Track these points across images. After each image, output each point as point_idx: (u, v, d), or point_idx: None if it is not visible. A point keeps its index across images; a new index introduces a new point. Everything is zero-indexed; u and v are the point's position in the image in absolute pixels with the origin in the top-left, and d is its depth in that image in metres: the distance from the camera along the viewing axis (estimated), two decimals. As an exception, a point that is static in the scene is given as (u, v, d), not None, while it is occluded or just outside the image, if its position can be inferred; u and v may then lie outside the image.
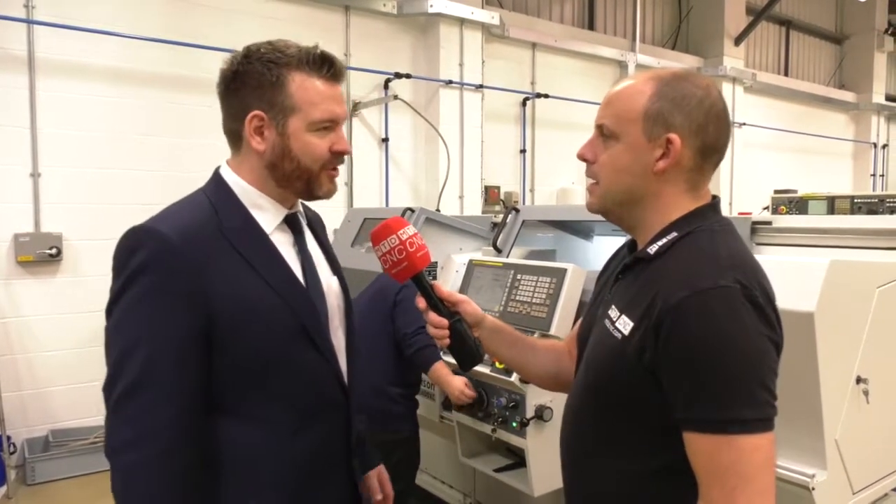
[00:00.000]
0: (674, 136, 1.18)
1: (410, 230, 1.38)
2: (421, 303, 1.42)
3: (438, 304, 1.42)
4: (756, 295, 1.09)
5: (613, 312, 1.22)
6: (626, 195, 1.24)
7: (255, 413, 1.32)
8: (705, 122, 1.19)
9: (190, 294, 1.23)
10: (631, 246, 1.35)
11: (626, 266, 1.28)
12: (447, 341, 1.41)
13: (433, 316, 1.41)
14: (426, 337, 2.86)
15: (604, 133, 1.25)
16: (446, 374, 2.80)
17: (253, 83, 1.32)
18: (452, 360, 2.81)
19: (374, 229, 1.39)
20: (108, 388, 1.24)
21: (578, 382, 1.35)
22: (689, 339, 1.07)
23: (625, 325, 1.17)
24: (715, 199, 1.29)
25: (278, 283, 1.33)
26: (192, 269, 1.24)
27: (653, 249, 1.20)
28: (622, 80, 1.28)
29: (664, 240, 1.19)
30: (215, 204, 1.35)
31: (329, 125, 1.36)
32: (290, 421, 1.34)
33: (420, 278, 1.40)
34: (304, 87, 1.33)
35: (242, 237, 1.32)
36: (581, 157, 1.29)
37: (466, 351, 1.43)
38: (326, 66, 1.36)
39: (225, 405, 1.30)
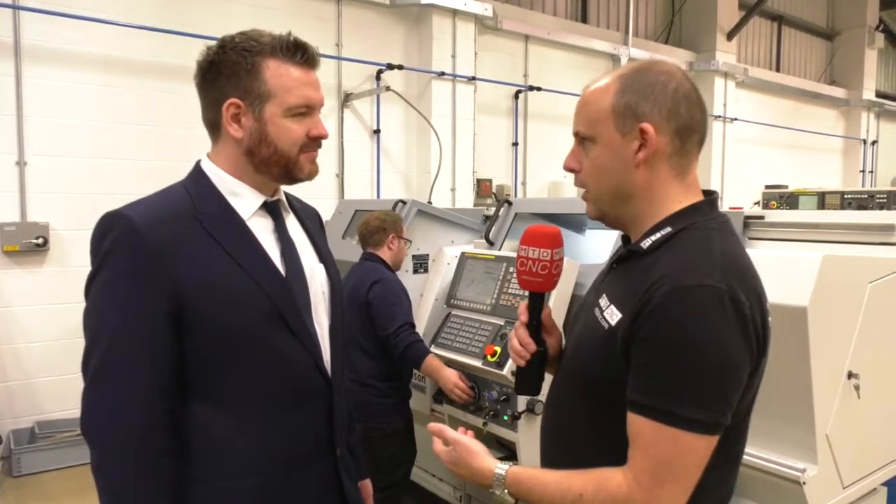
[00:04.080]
0: (646, 126, 1.18)
1: (563, 252, 1.37)
2: (523, 316, 1.40)
3: (538, 327, 1.41)
4: (741, 300, 1.08)
5: (604, 301, 1.22)
6: (614, 194, 1.24)
7: (228, 397, 1.32)
8: (674, 104, 1.19)
9: (156, 276, 1.25)
10: (626, 237, 1.35)
11: (620, 257, 1.29)
12: (523, 362, 1.40)
13: (523, 334, 1.40)
14: (409, 334, 2.83)
15: (581, 140, 1.26)
16: (439, 367, 2.79)
17: (228, 72, 1.34)
18: (442, 354, 2.82)
19: (535, 230, 1.37)
20: (84, 368, 1.28)
21: (564, 368, 1.36)
22: (662, 330, 1.07)
23: (612, 315, 1.18)
24: (713, 195, 1.27)
25: (252, 267, 1.34)
26: (159, 251, 1.26)
27: (646, 244, 1.20)
28: (588, 85, 1.28)
29: (658, 234, 1.19)
30: (191, 192, 1.37)
31: (305, 111, 1.38)
32: (264, 406, 1.35)
33: (540, 297, 1.40)
34: (279, 73, 1.34)
35: (216, 222, 1.34)
36: (567, 168, 1.30)
37: (532, 380, 1.42)
38: (300, 53, 1.37)
39: (197, 388, 1.31)
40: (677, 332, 1.06)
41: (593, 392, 1.22)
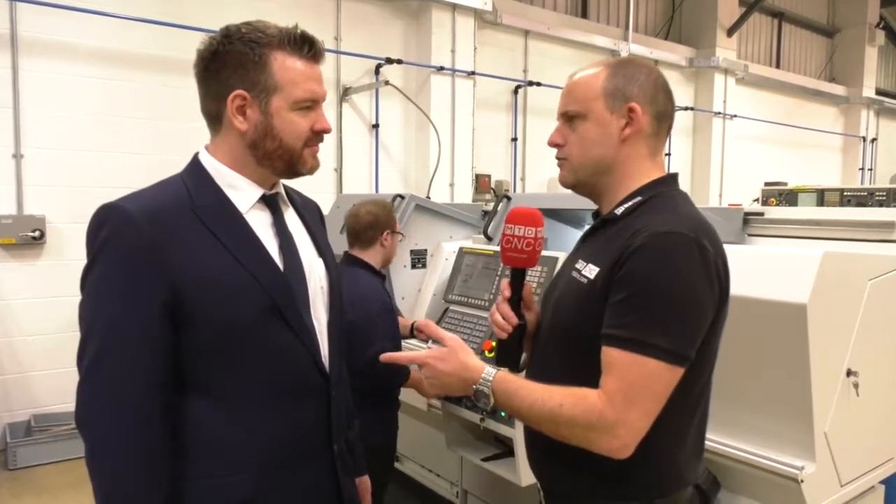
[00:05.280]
0: (634, 105, 1.34)
1: (544, 232, 1.47)
2: (506, 291, 1.49)
3: (519, 302, 1.50)
4: (707, 247, 1.22)
5: (580, 264, 1.34)
6: (597, 165, 1.38)
7: (224, 392, 1.31)
8: (654, 92, 1.37)
9: (152, 268, 1.24)
10: (596, 215, 1.47)
11: (593, 228, 1.43)
12: (505, 335, 1.48)
13: (506, 308, 1.48)
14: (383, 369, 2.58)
15: (569, 117, 1.40)
16: (419, 382, 2.73)
17: (235, 63, 1.32)
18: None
19: (519, 210, 1.48)
20: (79, 360, 1.27)
21: (545, 329, 1.46)
22: (636, 269, 1.21)
23: (591, 271, 1.30)
24: (674, 173, 1.42)
25: (249, 260, 1.32)
26: (155, 243, 1.24)
27: (620, 210, 1.34)
28: (575, 74, 1.42)
29: (630, 203, 1.34)
30: (189, 185, 1.36)
31: (310, 104, 1.38)
32: (261, 401, 1.34)
33: (522, 273, 1.49)
34: (286, 66, 1.34)
35: (214, 215, 1.33)
36: (552, 143, 1.44)
37: (513, 353, 1.50)
38: (307, 47, 1.36)
39: (194, 383, 1.30)
40: (650, 271, 1.20)
41: (574, 349, 1.31)
